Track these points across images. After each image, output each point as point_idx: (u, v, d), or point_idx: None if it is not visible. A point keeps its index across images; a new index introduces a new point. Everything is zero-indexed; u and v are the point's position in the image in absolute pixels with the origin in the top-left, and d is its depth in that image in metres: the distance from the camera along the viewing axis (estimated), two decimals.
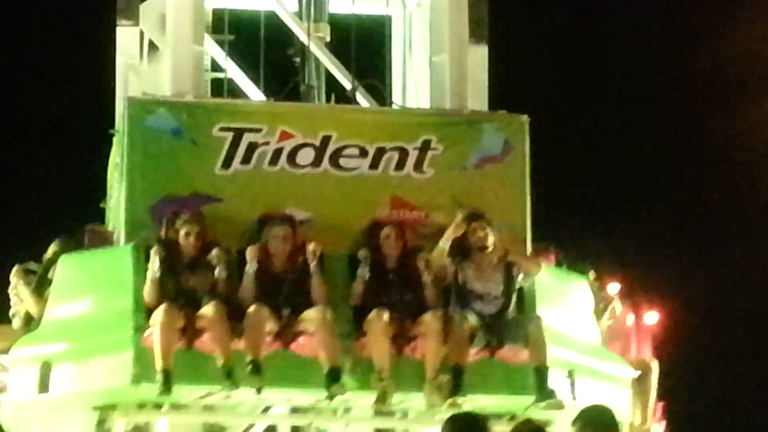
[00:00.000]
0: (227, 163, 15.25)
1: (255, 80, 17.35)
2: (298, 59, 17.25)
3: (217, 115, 15.47)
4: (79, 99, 18.03)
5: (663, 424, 16.59)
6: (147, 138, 15.29)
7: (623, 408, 15.22)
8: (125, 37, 17.17)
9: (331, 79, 17.01)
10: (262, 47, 17.10)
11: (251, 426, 15.92)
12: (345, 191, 15.39)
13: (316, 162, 15.36)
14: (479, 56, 16.51)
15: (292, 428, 16.00)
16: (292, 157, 15.35)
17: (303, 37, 17.08)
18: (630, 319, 17.82)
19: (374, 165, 15.44)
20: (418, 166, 15.46)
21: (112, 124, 16.67)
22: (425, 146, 15.49)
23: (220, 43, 17.34)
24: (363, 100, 16.72)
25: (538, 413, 14.23)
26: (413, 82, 16.96)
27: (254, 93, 17.29)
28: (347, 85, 16.86)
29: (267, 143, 15.32)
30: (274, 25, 17.38)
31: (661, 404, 16.55)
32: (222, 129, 15.29)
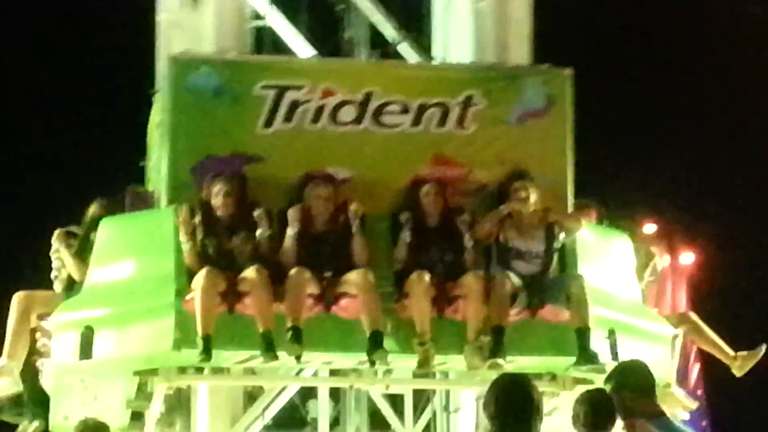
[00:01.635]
0: (269, 122, 15.05)
1: (298, 31, 17.18)
2: (341, 8, 17.10)
3: (259, 72, 15.28)
4: (120, 57, 17.60)
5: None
6: (189, 97, 15.11)
7: (663, 366, 14.94)
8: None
9: (373, 31, 16.93)
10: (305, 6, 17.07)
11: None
12: (387, 149, 15.21)
13: (358, 119, 15.16)
14: (522, 5, 16.32)
15: (330, 389, 15.98)
16: (333, 115, 15.14)
17: None
18: (666, 260, 17.66)
19: (416, 122, 15.22)
20: (460, 122, 15.23)
21: (153, 84, 16.69)
22: (467, 102, 15.23)
23: None
24: (406, 53, 16.61)
25: (578, 373, 14.34)
26: (456, 32, 16.77)
27: (296, 44, 17.20)
28: (391, 39, 16.70)
29: (309, 101, 15.09)
30: None
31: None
32: (264, 87, 15.07)
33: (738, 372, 16.24)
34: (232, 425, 15.46)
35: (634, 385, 11.87)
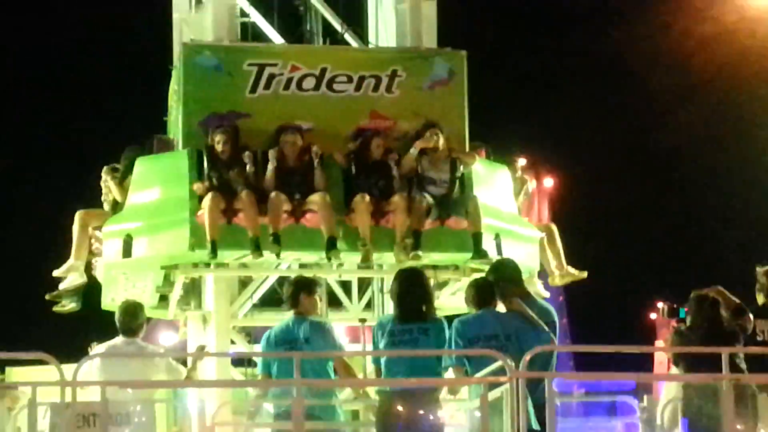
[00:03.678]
0: (253, 89, 15.00)
1: (271, 24, 16.94)
2: (302, 8, 16.85)
3: (246, 54, 15.25)
4: (148, 44, 17.59)
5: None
6: (196, 72, 15.05)
7: (534, 259, 15.31)
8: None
9: (326, 24, 16.74)
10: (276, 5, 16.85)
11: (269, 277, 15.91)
12: (337, 107, 15.13)
13: (317, 87, 15.10)
14: (430, 7, 16.08)
15: None
16: (299, 84, 15.08)
17: None
18: (533, 184, 17.76)
19: (358, 88, 15.18)
20: (388, 88, 15.22)
21: (171, 62, 16.56)
22: (393, 74, 15.24)
23: None
24: (350, 40, 16.50)
25: (475, 265, 14.44)
26: (384, 25, 16.56)
27: (271, 34, 16.93)
28: (338, 29, 16.59)
29: (281, 74, 15.04)
30: None
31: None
32: (249, 64, 15.06)
33: (558, 281, 16.28)
34: (230, 304, 15.40)
35: (507, 276, 12.12)
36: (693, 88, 46.37)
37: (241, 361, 16.36)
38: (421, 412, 11.24)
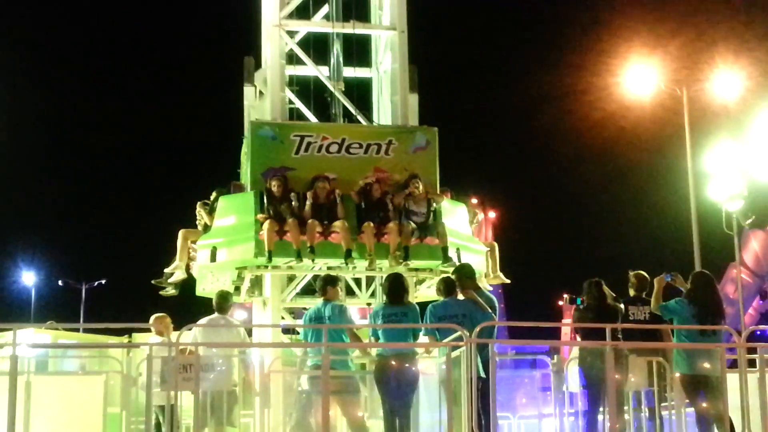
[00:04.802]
0: (297, 152, 15.02)
1: (308, 108, 17.13)
2: (329, 98, 16.86)
3: (292, 129, 15.29)
4: (227, 124, 17.75)
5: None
6: (259, 140, 15.10)
7: (482, 265, 15.30)
8: (248, 90, 17.01)
9: (345, 109, 16.65)
10: (312, 96, 17.06)
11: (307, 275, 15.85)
12: (353, 164, 15.12)
13: (339, 150, 15.10)
14: (414, 99, 16.26)
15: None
16: (327, 149, 15.09)
17: (332, 88, 16.69)
18: (481, 216, 17.74)
19: (366, 152, 15.18)
20: (386, 152, 15.22)
21: (243, 133, 16.56)
22: (390, 143, 15.26)
23: (292, 92, 17.08)
24: (361, 120, 16.40)
25: (443, 268, 14.43)
26: (383, 111, 16.70)
27: (309, 116, 17.06)
28: (353, 112, 16.53)
29: (316, 142, 15.07)
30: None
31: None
32: (294, 135, 15.09)
33: (493, 281, 15.84)
34: (281, 292, 15.43)
35: (465, 275, 12.23)
36: (591, 146, 47.23)
37: (287, 330, 16.21)
38: (406, 365, 11.29)
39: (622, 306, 12.15)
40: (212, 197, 15.30)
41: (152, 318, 13.21)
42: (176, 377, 10.13)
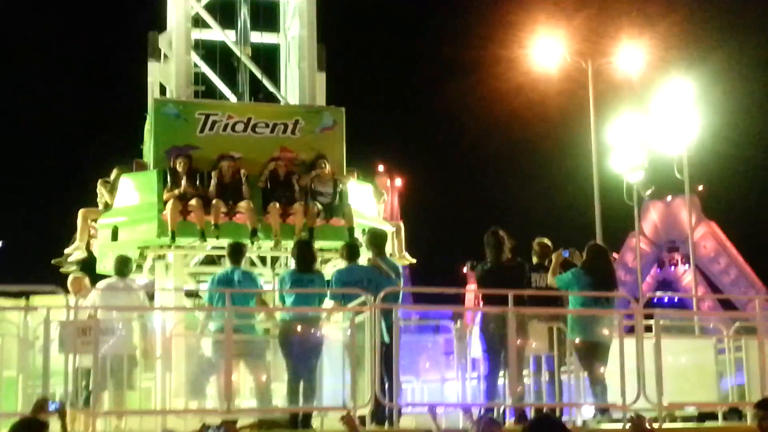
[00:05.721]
0: (202, 130, 14.90)
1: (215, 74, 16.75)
2: (236, 64, 16.49)
3: (197, 107, 15.16)
4: (132, 97, 17.33)
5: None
6: (163, 118, 14.95)
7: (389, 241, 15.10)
8: (152, 66, 16.64)
9: (252, 87, 16.40)
10: (218, 61, 16.68)
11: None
12: (258, 143, 15.04)
13: (245, 129, 15.02)
14: (322, 78, 16.22)
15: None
16: (233, 127, 15.00)
17: (239, 53, 16.36)
18: (387, 195, 17.70)
19: (272, 131, 15.12)
20: (293, 131, 15.17)
21: (146, 110, 16.28)
22: (296, 122, 15.22)
23: (198, 56, 16.58)
24: (268, 98, 16.27)
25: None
26: (291, 89, 16.54)
27: (216, 80, 16.74)
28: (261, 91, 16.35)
29: (221, 120, 14.96)
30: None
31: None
32: (199, 113, 14.96)
33: (398, 262, 15.23)
34: (184, 258, 15.12)
35: (376, 244, 12.24)
36: (498, 117, 47.53)
37: (191, 294, 15.56)
38: (311, 330, 11.22)
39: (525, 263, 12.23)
40: (113, 175, 15.09)
41: (70, 278, 13.09)
42: (74, 341, 10.04)
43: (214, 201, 14.16)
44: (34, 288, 11.06)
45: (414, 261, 15.90)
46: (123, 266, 12.76)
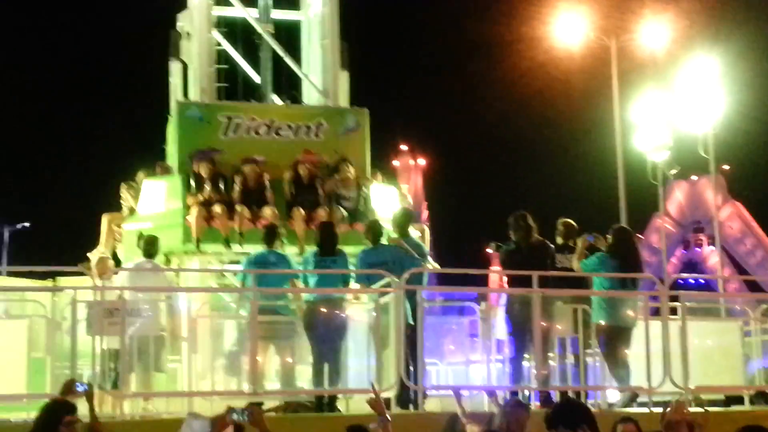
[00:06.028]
0: (225, 133, 14.89)
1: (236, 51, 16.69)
2: (258, 41, 16.39)
3: (220, 109, 15.12)
4: (159, 101, 17.15)
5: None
6: (186, 121, 14.96)
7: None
8: (174, 66, 16.57)
9: (275, 54, 16.23)
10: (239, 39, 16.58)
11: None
12: (282, 146, 15.00)
13: (267, 132, 15.01)
14: (345, 78, 16.17)
15: None
16: (256, 130, 14.99)
17: (260, 30, 16.22)
18: (411, 161, 17.53)
19: (295, 134, 15.11)
20: (316, 134, 15.16)
21: (169, 111, 16.20)
22: (319, 124, 15.19)
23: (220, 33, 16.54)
24: (290, 101, 16.22)
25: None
26: (313, 92, 16.38)
27: (238, 58, 16.74)
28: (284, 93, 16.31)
29: (244, 123, 14.95)
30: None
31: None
32: (221, 116, 14.94)
33: None
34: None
35: (400, 224, 12.32)
36: (521, 95, 46.95)
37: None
38: (335, 311, 11.21)
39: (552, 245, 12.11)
40: (138, 178, 15.10)
41: (95, 259, 12.99)
42: (102, 322, 9.99)
43: (238, 207, 14.11)
44: (60, 269, 11.08)
45: (438, 266, 15.80)
46: (151, 247, 12.64)
